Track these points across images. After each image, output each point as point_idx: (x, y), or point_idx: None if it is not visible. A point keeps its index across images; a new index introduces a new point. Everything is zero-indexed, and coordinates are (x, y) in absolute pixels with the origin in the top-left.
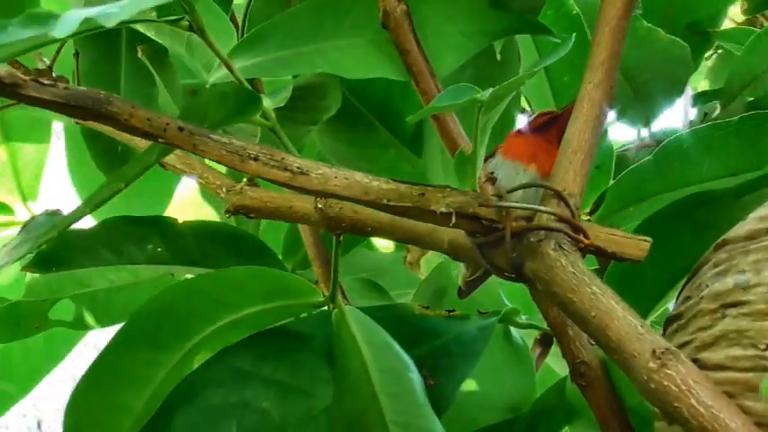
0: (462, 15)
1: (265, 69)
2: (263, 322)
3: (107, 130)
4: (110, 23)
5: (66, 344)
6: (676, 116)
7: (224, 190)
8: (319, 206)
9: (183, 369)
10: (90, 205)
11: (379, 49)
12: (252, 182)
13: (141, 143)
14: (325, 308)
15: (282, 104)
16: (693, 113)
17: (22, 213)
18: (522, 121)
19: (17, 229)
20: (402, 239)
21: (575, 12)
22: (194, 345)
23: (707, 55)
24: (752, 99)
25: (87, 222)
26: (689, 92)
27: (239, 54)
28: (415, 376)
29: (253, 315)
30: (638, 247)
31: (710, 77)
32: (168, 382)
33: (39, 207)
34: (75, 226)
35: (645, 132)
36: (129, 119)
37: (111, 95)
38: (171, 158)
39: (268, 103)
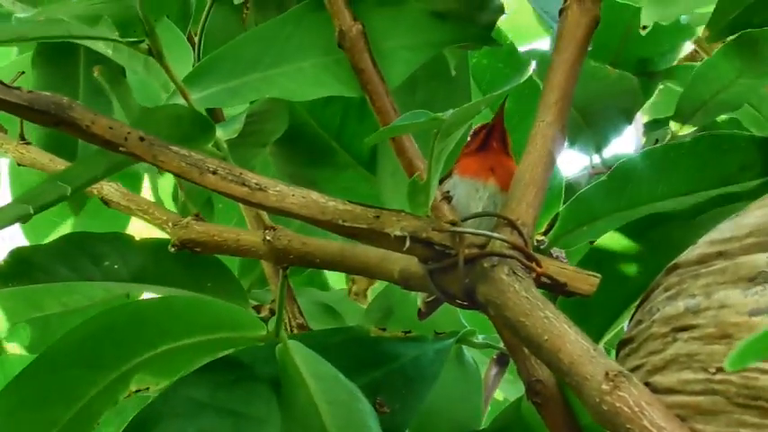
0: (405, 30)
1: (216, 100)
2: (205, 352)
3: None
4: None
5: None
6: (628, 146)
7: (170, 225)
8: (267, 238)
9: (117, 388)
10: (34, 204)
11: (326, 70)
12: (198, 216)
13: None
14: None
15: (234, 135)
16: (643, 140)
17: None
18: None
19: None
20: (351, 271)
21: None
22: (131, 367)
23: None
24: (703, 124)
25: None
26: (640, 122)
27: (194, 82)
28: (365, 407)
29: (194, 344)
30: (587, 282)
31: (654, 110)
32: (100, 401)
33: None
34: None
35: (597, 159)
36: (91, 125)
37: (73, 101)
38: (115, 196)
39: (220, 133)
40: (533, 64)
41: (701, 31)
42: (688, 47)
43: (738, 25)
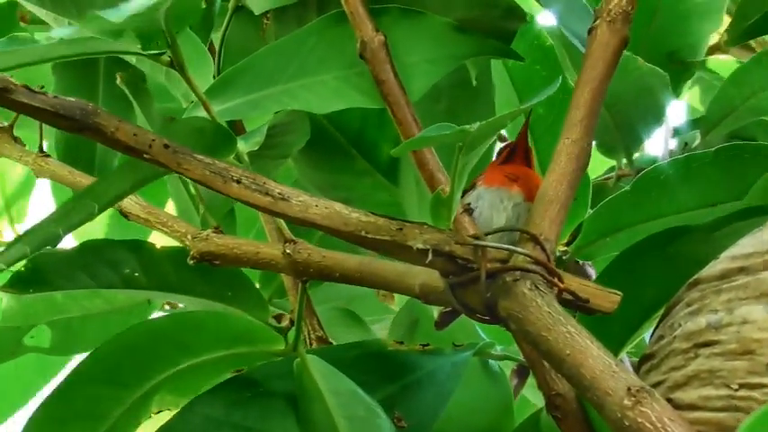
0: (426, 43)
1: (237, 112)
2: (224, 367)
3: None
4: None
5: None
6: (656, 145)
7: (189, 237)
8: (287, 251)
9: (141, 408)
10: (63, 226)
11: (347, 82)
12: (218, 229)
13: None
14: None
15: (256, 148)
16: (674, 143)
17: (8, 235)
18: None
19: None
20: (371, 285)
21: (548, 43)
22: (154, 385)
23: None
24: (732, 129)
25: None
26: (669, 121)
27: (215, 95)
28: (383, 422)
29: (214, 360)
30: (608, 299)
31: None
32: (125, 420)
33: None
34: None
35: (624, 161)
36: (115, 132)
37: (98, 107)
38: (134, 208)
39: (242, 145)
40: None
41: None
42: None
43: (758, 30)
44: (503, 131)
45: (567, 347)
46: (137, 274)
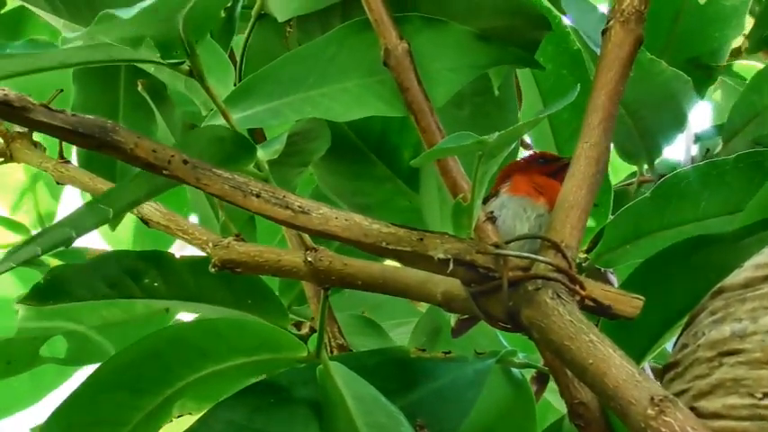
0: (449, 51)
1: (257, 120)
2: (246, 374)
3: None
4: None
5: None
6: (679, 151)
7: (210, 245)
8: (309, 259)
9: (161, 414)
10: (76, 229)
11: (369, 90)
12: (239, 237)
13: None
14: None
15: (276, 156)
16: (696, 149)
17: None
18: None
19: None
20: (394, 293)
21: (575, 47)
22: (174, 391)
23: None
24: (755, 136)
25: None
26: (692, 126)
27: (235, 103)
28: (405, 429)
29: (236, 367)
30: (631, 304)
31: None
32: (144, 425)
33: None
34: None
35: (646, 167)
36: (134, 148)
37: (117, 125)
38: (155, 216)
39: (261, 154)
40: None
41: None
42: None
43: None
44: (526, 137)
45: (590, 356)
46: (156, 284)
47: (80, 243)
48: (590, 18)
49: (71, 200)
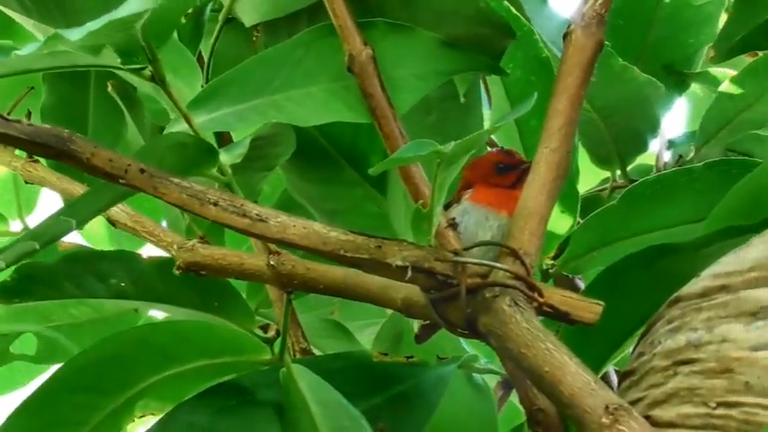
0: (414, 58)
1: (222, 123)
2: (210, 376)
3: None
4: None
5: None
6: (651, 156)
7: (175, 247)
8: (272, 263)
9: (123, 414)
10: (40, 241)
11: (334, 95)
12: (203, 239)
13: None
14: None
15: (239, 160)
16: (669, 155)
17: (15, 226)
18: None
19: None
20: (355, 298)
21: (544, 54)
22: (137, 392)
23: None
24: (728, 142)
25: None
26: (665, 133)
27: (200, 106)
28: None
29: (199, 368)
30: (590, 309)
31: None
32: (106, 426)
33: (34, 220)
34: None
35: (619, 172)
36: (91, 158)
37: (73, 134)
38: (122, 217)
39: (225, 158)
40: None
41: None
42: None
43: (747, 46)
44: (493, 137)
45: (546, 364)
46: (123, 285)
47: None
48: (553, 24)
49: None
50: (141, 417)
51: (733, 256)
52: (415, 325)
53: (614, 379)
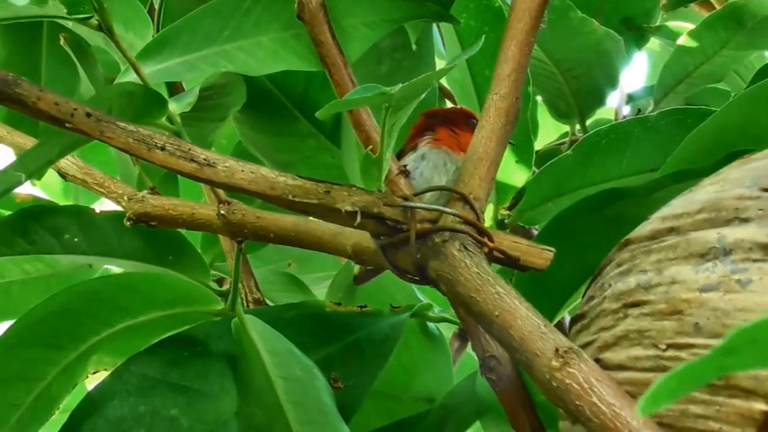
0: (363, 6)
1: (172, 73)
2: (162, 328)
3: None
4: None
5: None
6: (609, 111)
7: (125, 198)
8: (222, 212)
9: (77, 369)
10: None
11: (284, 44)
12: (154, 190)
13: None
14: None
15: (188, 109)
16: (628, 110)
17: None
18: None
19: None
20: (305, 246)
21: (497, 4)
22: (89, 346)
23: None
24: (686, 96)
25: None
26: (623, 88)
27: (148, 57)
28: (320, 383)
29: (152, 321)
30: (541, 256)
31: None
32: (60, 381)
33: None
34: None
35: (578, 127)
36: (37, 102)
37: (19, 78)
38: (71, 169)
39: (173, 107)
40: None
41: None
42: None
43: None
44: (446, 86)
45: (497, 309)
46: (77, 240)
47: None
48: None
49: None
50: (95, 372)
51: (682, 198)
52: (356, 268)
53: (567, 326)
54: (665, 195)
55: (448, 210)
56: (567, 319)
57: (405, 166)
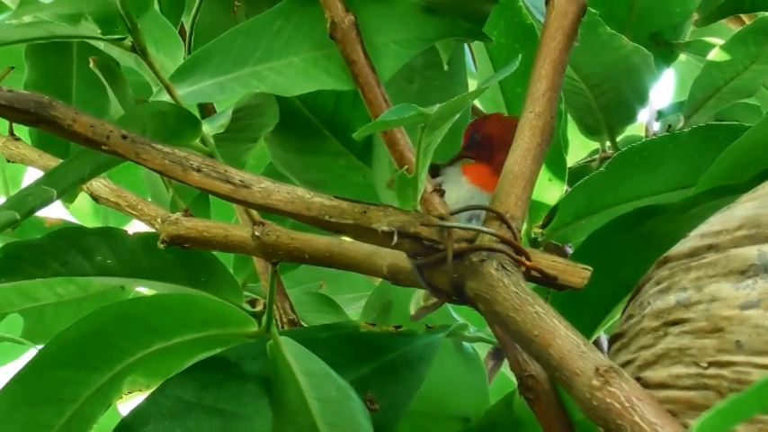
0: (395, 24)
1: (204, 95)
2: (196, 350)
3: None
4: None
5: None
6: (640, 127)
7: (159, 221)
8: (256, 234)
9: (111, 391)
10: (20, 211)
11: (315, 64)
12: (187, 212)
13: None
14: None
15: (221, 131)
16: (658, 126)
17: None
18: None
19: None
20: (341, 266)
21: (528, 21)
22: (123, 368)
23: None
24: (716, 111)
25: None
26: (653, 103)
27: (182, 78)
28: (356, 403)
29: (185, 342)
30: (578, 274)
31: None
32: (94, 403)
33: None
34: None
35: (608, 143)
36: (72, 124)
37: (54, 100)
38: (104, 192)
39: (207, 128)
40: None
41: None
42: None
43: (729, 9)
44: (477, 104)
45: (535, 328)
46: (109, 261)
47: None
48: None
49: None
50: (129, 393)
51: (721, 215)
52: (413, 307)
53: (604, 345)
54: (701, 212)
55: (485, 229)
56: (603, 337)
57: (440, 184)
